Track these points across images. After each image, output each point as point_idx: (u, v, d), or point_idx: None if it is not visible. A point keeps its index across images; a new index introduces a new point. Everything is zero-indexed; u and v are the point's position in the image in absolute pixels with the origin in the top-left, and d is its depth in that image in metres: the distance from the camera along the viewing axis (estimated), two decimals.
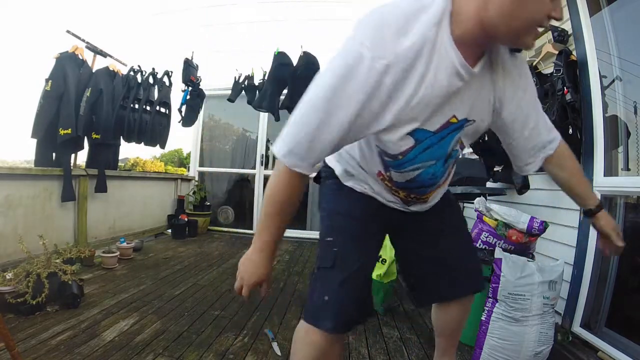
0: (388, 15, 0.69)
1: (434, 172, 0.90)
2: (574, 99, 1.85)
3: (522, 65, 0.87)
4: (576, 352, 1.63)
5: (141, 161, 19.87)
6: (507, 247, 1.77)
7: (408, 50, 0.68)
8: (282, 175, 0.83)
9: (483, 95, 0.83)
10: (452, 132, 0.84)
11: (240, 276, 0.90)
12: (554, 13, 0.68)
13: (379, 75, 0.68)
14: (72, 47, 2.97)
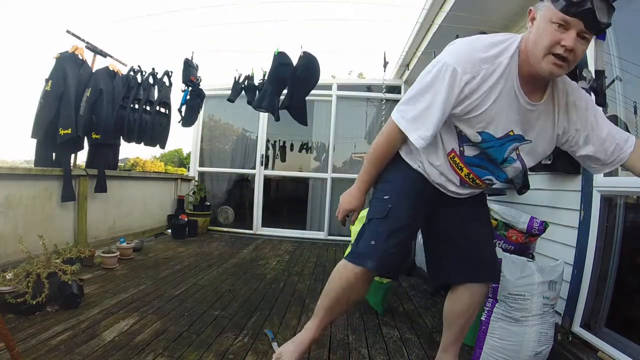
0: (477, 43, 1.03)
1: (491, 168, 1.15)
2: None
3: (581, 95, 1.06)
4: (576, 352, 1.63)
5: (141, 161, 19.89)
6: (507, 247, 1.77)
7: (484, 71, 0.99)
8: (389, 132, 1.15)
9: (544, 123, 1.06)
10: (509, 141, 1.08)
11: (340, 205, 1.27)
12: (563, 42, 0.88)
13: (466, 83, 1.00)
14: (72, 47, 2.97)
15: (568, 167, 1.96)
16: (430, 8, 2.94)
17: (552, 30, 0.89)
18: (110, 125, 3.19)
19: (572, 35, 0.88)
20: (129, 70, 3.47)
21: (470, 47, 1.03)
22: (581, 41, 0.90)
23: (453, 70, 1.00)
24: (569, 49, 0.88)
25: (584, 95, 1.08)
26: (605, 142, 1.05)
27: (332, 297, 1.27)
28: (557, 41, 0.89)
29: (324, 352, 1.62)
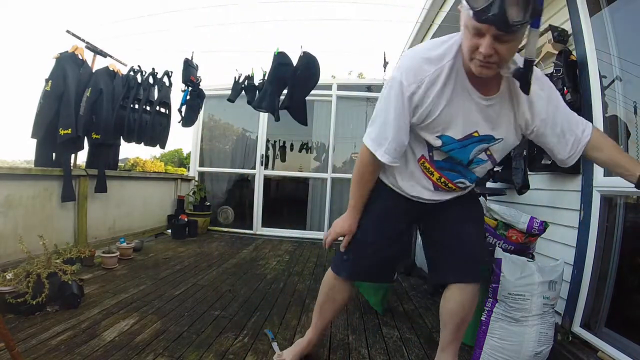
0: (419, 51, 1.06)
1: (458, 171, 1.17)
2: (574, 99, 1.85)
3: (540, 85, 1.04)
4: (576, 352, 1.63)
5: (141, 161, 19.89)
6: (507, 247, 1.77)
7: (428, 78, 1.01)
8: (362, 153, 1.19)
9: (504, 118, 1.06)
10: (474, 143, 1.09)
11: (332, 229, 1.31)
12: (480, 49, 0.89)
13: (409, 97, 1.04)
14: (72, 47, 2.97)
15: (568, 167, 1.95)
16: (430, 8, 2.94)
17: (470, 36, 0.91)
18: (110, 125, 3.19)
19: (487, 41, 0.87)
20: (129, 70, 3.47)
21: (412, 56, 1.06)
22: (501, 41, 0.87)
23: (399, 83, 1.04)
24: (487, 55, 0.89)
25: (546, 85, 1.07)
26: (566, 134, 1.07)
27: (320, 300, 1.46)
28: (475, 47, 0.90)
29: (324, 352, 1.62)
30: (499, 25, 0.84)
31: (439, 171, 1.18)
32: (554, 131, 1.07)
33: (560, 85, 1.88)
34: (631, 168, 1.02)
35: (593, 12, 1.87)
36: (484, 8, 0.83)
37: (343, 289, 1.40)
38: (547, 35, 2.20)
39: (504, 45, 0.88)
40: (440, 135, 1.09)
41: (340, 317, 2.04)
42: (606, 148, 1.07)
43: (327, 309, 1.44)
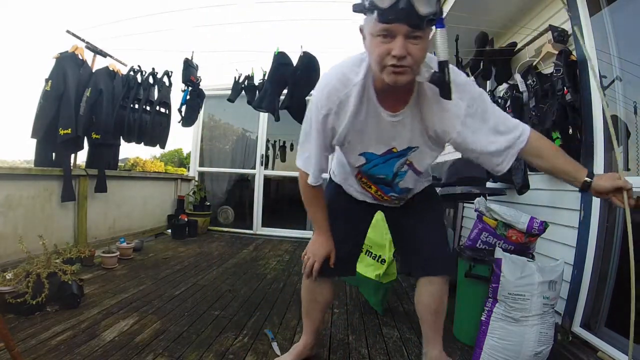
0: (332, 74, 1.05)
1: (386, 183, 1.22)
2: (574, 99, 1.85)
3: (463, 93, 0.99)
4: (576, 352, 1.64)
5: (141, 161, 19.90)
6: (507, 247, 1.77)
7: (339, 99, 1.02)
8: (299, 173, 1.21)
9: (417, 131, 1.06)
10: (395, 157, 1.12)
11: (311, 254, 1.28)
12: (393, 52, 0.84)
13: (324, 118, 1.05)
14: (72, 47, 2.97)
15: None
16: None
17: (378, 43, 0.86)
18: (110, 125, 3.19)
19: (399, 42, 0.83)
20: (129, 70, 3.47)
21: (325, 79, 1.06)
22: (413, 41, 0.85)
23: (315, 107, 1.06)
24: (401, 57, 0.84)
25: (468, 93, 1.00)
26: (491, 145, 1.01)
27: (304, 304, 1.48)
28: (386, 53, 0.85)
29: (324, 352, 1.62)
30: (410, 20, 0.81)
31: (376, 185, 1.25)
32: (477, 141, 1.02)
33: (560, 85, 1.88)
34: (575, 174, 1.00)
35: (593, 12, 1.87)
36: (392, 4, 0.80)
37: (321, 290, 1.41)
38: (547, 35, 2.21)
39: (416, 45, 0.85)
40: (362, 153, 1.12)
41: (340, 317, 2.04)
42: (546, 154, 1.02)
43: (313, 311, 1.45)
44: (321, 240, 1.28)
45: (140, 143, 3.61)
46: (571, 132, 1.84)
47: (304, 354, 1.49)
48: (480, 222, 1.89)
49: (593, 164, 1.81)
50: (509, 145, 1.02)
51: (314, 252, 1.28)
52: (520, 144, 1.02)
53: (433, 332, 1.36)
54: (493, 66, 2.75)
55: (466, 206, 3.61)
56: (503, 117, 1.03)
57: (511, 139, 1.01)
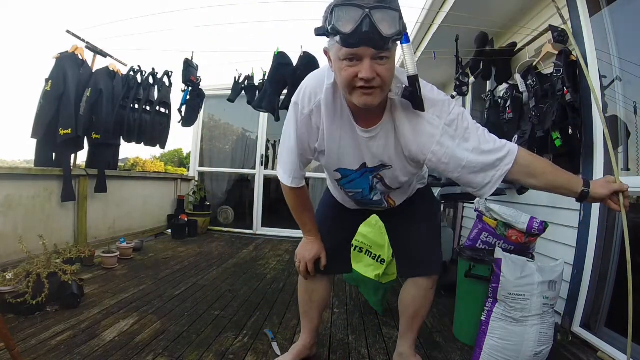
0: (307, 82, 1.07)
1: (364, 196, 1.23)
2: (574, 99, 1.85)
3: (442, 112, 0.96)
4: (576, 352, 1.64)
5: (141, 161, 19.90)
6: (507, 247, 1.77)
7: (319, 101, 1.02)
8: (284, 188, 1.22)
9: (391, 149, 1.04)
10: (367, 173, 1.13)
11: (301, 257, 1.29)
12: (360, 75, 0.84)
13: (308, 117, 1.05)
14: (72, 47, 2.97)
15: (568, 167, 1.95)
16: (430, 8, 2.94)
17: (345, 67, 0.86)
18: (110, 125, 3.19)
19: (366, 64, 0.83)
20: (129, 70, 3.47)
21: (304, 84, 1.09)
22: (380, 62, 0.84)
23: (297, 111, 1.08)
24: (369, 79, 0.84)
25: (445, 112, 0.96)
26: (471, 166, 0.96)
27: (301, 304, 1.49)
28: (354, 76, 0.85)
29: (324, 352, 1.62)
30: (375, 42, 0.80)
31: (357, 200, 1.29)
32: (455, 162, 0.96)
33: (560, 85, 1.88)
34: (570, 186, 0.97)
35: (593, 12, 1.88)
36: (355, 29, 0.78)
37: (317, 289, 1.43)
38: (547, 35, 2.21)
39: (383, 66, 0.85)
40: (337, 169, 1.14)
41: (340, 317, 2.04)
42: (539, 173, 0.98)
43: (310, 310, 1.46)
44: (309, 242, 1.29)
45: (140, 143, 3.61)
46: (571, 132, 1.84)
47: (304, 353, 1.49)
48: (480, 222, 1.89)
49: (593, 164, 1.81)
50: (493, 167, 0.95)
51: (303, 255, 1.29)
52: (506, 166, 0.95)
53: (407, 330, 1.41)
54: (493, 66, 2.75)
55: (466, 206, 3.61)
56: (487, 138, 0.97)
57: (496, 161, 0.95)
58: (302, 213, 1.27)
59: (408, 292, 1.39)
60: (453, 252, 2.87)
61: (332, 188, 1.43)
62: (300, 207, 1.25)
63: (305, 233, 1.31)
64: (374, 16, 0.78)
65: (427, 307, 1.38)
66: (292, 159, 1.12)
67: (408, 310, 1.39)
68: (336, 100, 1.01)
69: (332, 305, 2.22)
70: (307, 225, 1.29)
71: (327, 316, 2.03)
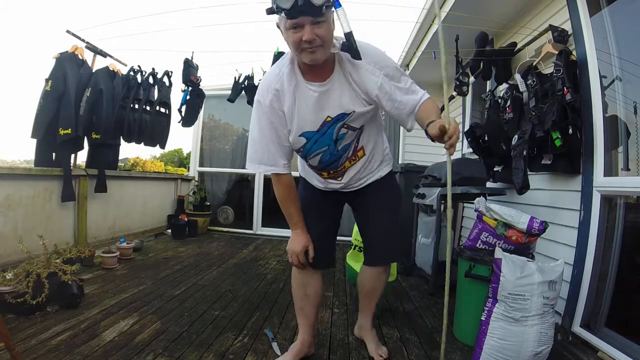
0: (263, 79, 1.31)
1: (331, 153, 1.33)
2: (574, 99, 1.85)
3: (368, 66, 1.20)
4: (576, 352, 1.64)
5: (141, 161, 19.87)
6: (507, 247, 1.77)
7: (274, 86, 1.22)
8: (272, 177, 1.33)
9: (346, 93, 1.22)
10: (332, 125, 1.26)
11: (291, 252, 1.39)
12: (304, 37, 1.05)
13: (270, 106, 1.23)
14: (72, 47, 2.97)
15: (568, 167, 1.96)
16: (430, 8, 2.94)
17: (292, 34, 1.08)
18: (110, 125, 3.19)
19: (307, 29, 1.05)
20: (129, 70, 3.47)
21: (261, 82, 1.31)
22: (318, 26, 1.06)
23: (260, 105, 1.24)
24: (310, 40, 1.06)
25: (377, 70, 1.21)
26: (402, 107, 1.23)
27: (296, 300, 1.56)
28: (300, 39, 1.06)
29: (324, 352, 1.62)
30: (310, 11, 1.02)
31: (324, 170, 1.40)
32: (391, 104, 1.23)
33: (560, 85, 1.88)
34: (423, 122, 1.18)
35: (593, 12, 1.88)
36: (292, 5, 1.00)
37: (311, 282, 1.50)
38: (547, 35, 2.21)
39: (321, 28, 1.07)
40: (301, 133, 1.27)
41: (340, 317, 2.04)
42: (423, 111, 1.22)
43: (306, 306, 1.52)
44: (297, 235, 1.38)
45: (140, 143, 3.61)
46: (571, 132, 1.84)
47: (302, 352, 1.51)
48: (480, 222, 1.89)
49: (593, 163, 1.81)
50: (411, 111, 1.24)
51: (292, 249, 1.38)
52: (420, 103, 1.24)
53: (364, 306, 1.66)
54: (493, 66, 2.75)
55: (466, 206, 3.61)
56: (411, 83, 1.27)
57: (413, 107, 1.24)
58: (290, 203, 1.35)
59: (364, 273, 1.61)
60: (453, 252, 2.87)
61: (303, 172, 1.53)
62: (289, 197, 1.34)
63: (292, 226, 1.38)
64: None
65: (381, 288, 1.61)
66: (270, 149, 1.26)
67: (364, 289, 1.62)
68: (292, 75, 1.21)
69: (332, 305, 2.22)
70: (293, 217, 1.37)
71: (327, 316, 2.03)
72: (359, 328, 1.71)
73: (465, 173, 2.54)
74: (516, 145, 2.14)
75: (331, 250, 1.56)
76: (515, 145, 2.15)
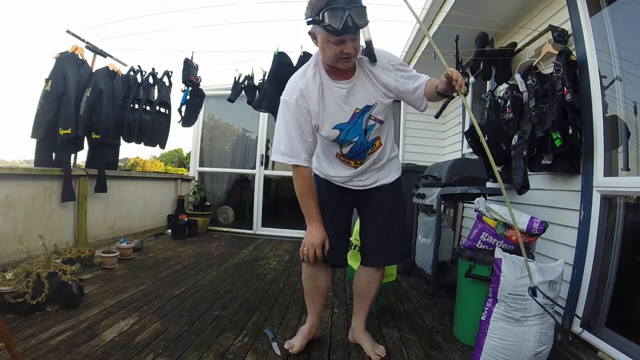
0: (289, 80, 1.45)
1: (362, 142, 1.45)
2: (574, 99, 1.85)
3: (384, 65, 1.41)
4: (576, 352, 1.63)
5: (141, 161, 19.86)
6: (507, 247, 1.77)
7: (300, 87, 1.38)
8: (293, 170, 1.43)
9: (369, 88, 1.40)
10: (360, 116, 1.41)
11: (309, 244, 1.42)
12: (345, 51, 1.23)
13: (296, 104, 1.37)
14: (72, 47, 2.96)
15: (568, 167, 1.96)
16: (430, 8, 2.94)
17: (333, 47, 1.24)
18: (110, 125, 3.19)
19: (349, 44, 1.23)
20: (129, 70, 3.47)
21: (287, 83, 1.45)
22: (354, 40, 1.24)
23: (286, 103, 1.38)
24: (350, 53, 1.24)
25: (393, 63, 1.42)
26: (415, 92, 1.42)
27: (306, 290, 1.64)
28: (340, 51, 1.24)
29: (324, 352, 1.62)
30: (355, 32, 1.21)
31: (353, 159, 1.51)
32: (407, 90, 1.42)
33: (560, 85, 1.88)
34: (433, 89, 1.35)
35: (593, 12, 1.87)
36: (341, 25, 1.15)
37: (320, 275, 1.58)
38: (547, 35, 2.21)
39: (356, 42, 1.25)
40: (335, 126, 1.41)
41: (340, 317, 2.04)
42: (429, 85, 1.39)
43: (315, 296, 1.62)
44: (315, 228, 1.43)
45: (140, 143, 3.61)
46: (571, 132, 1.84)
47: (311, 334, 1.64)
48: (480, 222, 1.89)
49: (593, 163, 1.81)
50: (422, 90, 1.42)
51: (312, 241, 1.42)
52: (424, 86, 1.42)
53: (358, 308, 1.68)
54: (493, 66, 2.75)
55: (466, 206, 3.61)
56: (415, 72, 1.45)
57: (421, 86, 1.42)
58: (309, 197, 1.42)
59: (358, 274, 1.66)
60: (453, 252, 2.87)
61: (319, 169, 1.61)
62: (308, 191, 1.42)
63: (309, 219, 1.44)
64: (352, 13, 1.15)
65: (375, 290, 1.63)
66: (294, 143, 1.37)
67: (357, 290, 1.67)
68: (317, 76, 1.37)
69: (332, 305, 2.23)
70: (312, 209, 1.43)
71: (327, 316, 2.03)
72: (352, 331, 1.72)
73: (465, 173, 2.54)
74: (516, 145, 2.14)
75: (344, 247, 1.63)
76: (515, 145, 2.15)
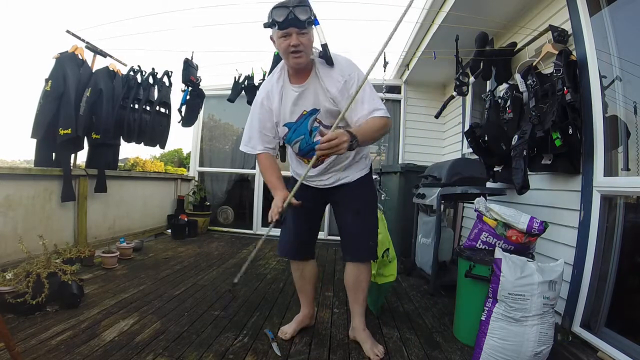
0: (264, 82, 1.63)
1: (307, 142, 1.56)
2: (574, 99, 1.85)
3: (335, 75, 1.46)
4: (576, 352, 1.64)
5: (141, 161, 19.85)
6: (507, 247, 1.77)
7: (267, 88, 1.56)
8: (257, 159, 1.63)
9: (319, 93, 1.48)
10: (306, 118, 1.52)
11: (273, 206, 1.44)
12: (290, 44, 1.34)
13: (261, 104, 1.55)
14: (72, 47, 2.96)
15: (568, 167, 1.96)
16: (430, 8, 2.94)
17: (282, 42, 1.36)
18: (110, 125, 3.19)
19: (293, 37, 1.34)
20: (129, 70, 3.47)
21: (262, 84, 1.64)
22: (302, 36, 1.34)
23: (255, 102, 1.59)
24: (296, 45, 1.34)
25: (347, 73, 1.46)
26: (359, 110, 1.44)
27: (296, 282, 1.82)
28: (287, 45, 1.35)
29: (324, 352, 1.62)
30: (297, 24, 1.31)
31: (305, 157, 1.62)
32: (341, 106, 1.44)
33: (560, 85, 1.88)
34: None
35: (593, 12, 1.88)
36: (284, 19, 1.30)
37: (305, 266, 1.77)
38: (547, 35, 2.21)
39: (304, 37, 1.35)
40: (285, 124, 1.55)
41: (340, 317, 2.04)
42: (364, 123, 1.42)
43: (305, 285, 1.80)
44: (277, 195, 1.49)
45: (140, 143, 3.61)
46: (571, 132, 1.83)
47: (304, 322, 1.81)
48: (480, 222, 1.89)
49: (593, 164, 1.81)
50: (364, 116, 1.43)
51: (275, 203, 1.47)
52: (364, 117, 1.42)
53: (354, 305, 1.72)
54: (493, 66, 2.75)
55: (466, 206, 3.61)
56: (371, 96, 1.45)
57: (366, 113, 1.42)
58: (271, 173, 1.55)
59: (347, 271, 1.71)
60: (453, 252, 2.87)
61: (293, 164, 1.75)
62: (269, 169, 1.56)
63: (272, 190, 1.53)
64: (295, 10, 1.30)
65: (364, 283, 1.69)
66: (254, 136, 1.57)
67: (347, 285, 1.72)
68: (279, 82, 1.52)
69: (332, 305, 2.23)
70: (274, 182, 1.54)
71: (327, 316, 2.03)
72: (352, 330, 1.74)
73: (465, 173, 2.54)
74: (516, 145, 2.14)
75: (310, 241, 1.79)
76: (515, 145, 2.15)
